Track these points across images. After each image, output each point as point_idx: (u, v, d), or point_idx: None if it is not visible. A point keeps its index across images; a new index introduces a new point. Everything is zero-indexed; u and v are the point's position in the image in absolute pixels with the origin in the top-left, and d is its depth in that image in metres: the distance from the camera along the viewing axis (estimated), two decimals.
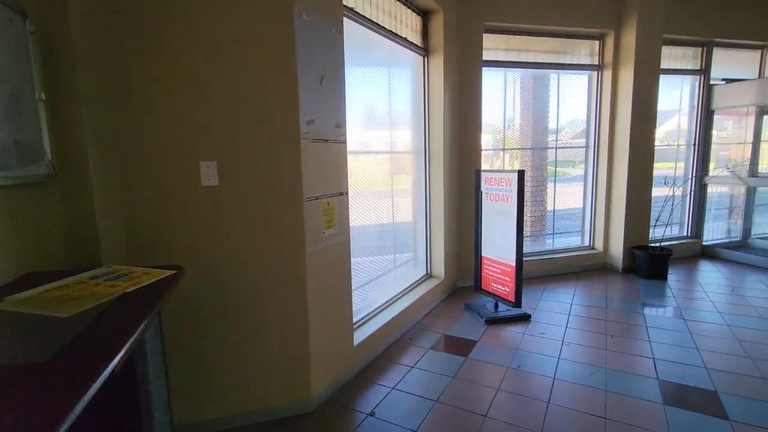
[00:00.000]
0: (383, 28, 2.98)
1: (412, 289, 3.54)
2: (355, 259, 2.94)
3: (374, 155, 3.19)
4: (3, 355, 0.92)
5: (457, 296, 3.92)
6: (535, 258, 4.48)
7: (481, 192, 3.51)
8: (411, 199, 3.76)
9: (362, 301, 2.99)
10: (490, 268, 3.51)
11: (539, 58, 4.38)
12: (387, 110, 3.25)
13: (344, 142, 2.36)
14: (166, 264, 1.64)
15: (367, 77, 2.99)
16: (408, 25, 3.39)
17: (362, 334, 2.69)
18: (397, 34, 3.17)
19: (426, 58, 3.65)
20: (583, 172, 4.81)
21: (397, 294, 3.36)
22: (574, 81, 4.63)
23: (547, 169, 4.75)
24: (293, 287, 2.09)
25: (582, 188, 4.85)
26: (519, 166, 4.72)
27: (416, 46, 3.50)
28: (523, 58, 4.33)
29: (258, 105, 1.93)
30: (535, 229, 4.84)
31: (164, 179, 1.87)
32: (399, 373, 2.58)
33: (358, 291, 2.94)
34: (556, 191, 4.74)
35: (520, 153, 4.68)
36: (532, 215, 4.87)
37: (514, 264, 3.22)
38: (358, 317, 2.86)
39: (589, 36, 4.44)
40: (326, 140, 2.19)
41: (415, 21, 3.51)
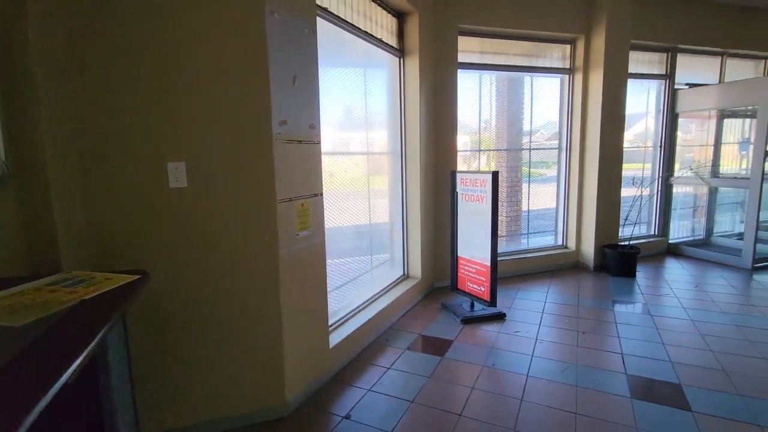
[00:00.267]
0: (358, 28, 2.98)
1: (389, 290, 3.54)
2: (331, 260, 2.92)
3: (350, 156, 3.18)
4: None
5: (434, 296, 3.94)
6: (510, 257, 4.55)
7: (457, 193, 3.54)
8: (388, 200, 3.77)
9: (339, 303, 2.97)
10: (466, 268, 3.54)
11: (513, 61, 4.46)
12: (363, 111, 3.25)
13: (318, 143, 2.34)
14: (132, 269, 1.58)
15: (342, 78, 2.97)
16: (383, 26, 3.39)
17: (338, 336, 2.67)
18: (372, 35, 3.17)
19: (402, 60, 3.67)
20: (556, 173, 4.92)
21: (374, 295, 3.35)
22: (547, 84, 4.74)
23: (522, 170, 4.85)
24: (266, 290, 2.06)
25: (555, 189, 4.96)
26: (495, 167, 4.79)
27: (392, 47, 3.50)
28: (498, 60, 4.40)
29: (228, 105, 1.89)
30: (511, 229, 4.93)
31: (130, 181, 1.81)
32: (375, 374, 2.57)
33: (334, 293, 2.92)
34: (530, 192, 4.83)
35: (496, 154, 4.76)
36: (507, 215, 4.95)
37: (489, 264, 3.27)
38: (335, 319, 2.84)
39: (561, 40, 4.55)
40: (300, 141, 2.17)
41: (391, 22, 3.52)
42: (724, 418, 2.07)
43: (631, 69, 4.65)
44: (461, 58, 4.05)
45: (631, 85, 4.71)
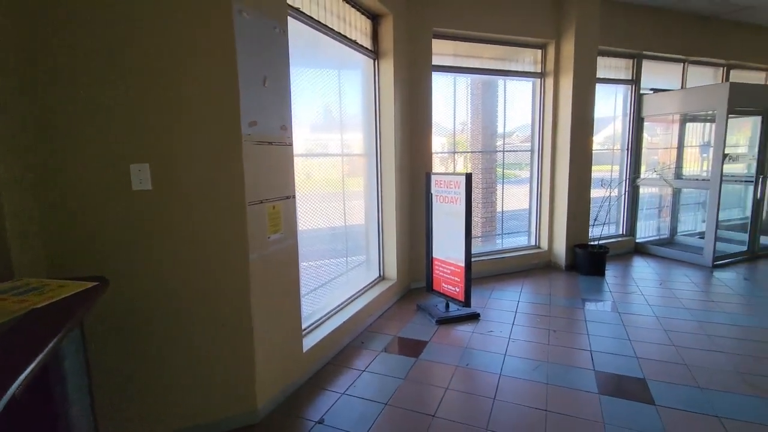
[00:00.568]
0: (332, 29, 2.96)
1: (364, 292, 3.53)
2: (305, 263, 2.89)
3: (325, 158, 3.15)
4: None
5: (409, 297, 3.96)
6: (485, 258, 4.62)
7: (432, 194, 3.57)
8: (363, 202, 3.75)
9: (313, 306, 2.94)
10: (441, 268, 3.57)
11: (487, 65, 4.53)
12: (338, 113, 3.23)
13: (290, 145, 2.30)
14: (91, 275, 1.52)
15: (316, 79, 2.95)
16: (358, 27, 3.38)
17: (312, 339, 2.64)
18: (346, 37, 3.16)
19: (376, 62, 3.67)
20: (530, 175, 5.02)
21: (350, 297, 3.33)
22: (520, 87, 4.84)
23: (497, 172, 4.92)
24: (236, 295, 2.01)
25: (528, 190, 5.06)
26: (470, 168, 4.85)
27: (366, 49, 3.50)
28: (472, 64, 4.46)
29: (195, 105, 1.84)
30: (486, 230, 5.00)
31: (89, 183, 1.74)
32: (350, 377, 2.55)
33: (309, 296, 2.89)
34: (505, 193, 4.92)
35: (471, 156, 4.82)
36: (482, 216, 5.02)
37: (463, 264, 3.30)
38: (309, 322, 2.80)
39: (533, 45, 4.66)
40: (270, 142, 2.13)
41: (365, 24, 3.51)
42: (685, 410, 2.15)
43: (600, 74, 4.80)
44: (436, 60, 4.09)
45: (600, 89, 4.86)
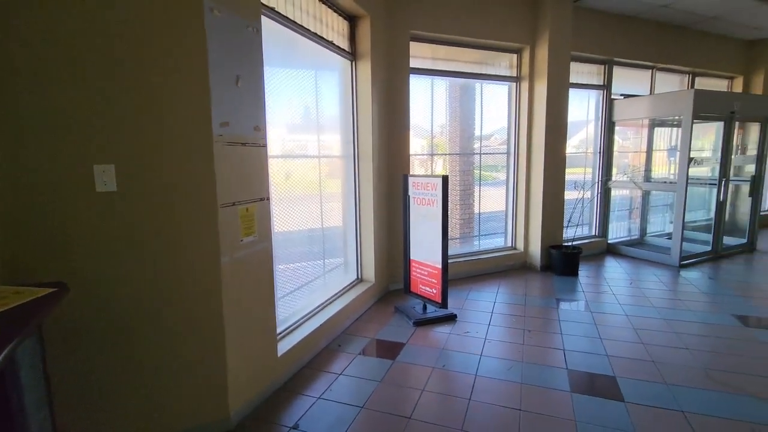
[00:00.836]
0: (308, 30, 2.93)
1: (341, 295, 3.50)
2: (282, 265, 2.85)
3: (302, 159, 3.11)
4: None
5: (387, 299, 3.95)
6: (462, 259, 4.66)
7: (409, 196, 3.58)
8: (341, 204, 3.73)
9: (289, 309, 2.90)
10: (419, 270, 3.58)
11: (464, 68, 4.58)
12: (315, 114, 3.20)
13: (264, 146, 2.27)
14: (51, 281, 1.46)
15: (292, 80, 2.91)
16: (335, 29, 3.37)
17: (288, 343, 2.60)
18: (323, 38, 3.13)
19: (354, 63, 3.66)
20: (506, 177, 5.10)
21: (327, 300, 3.31)
22: (497, 91, 4.91)
23: (474, 174, 4.98)
24: (207, 300, 1.96)
25: (505, 192, 5.14)
26: (449, 170, 4.89)
27: (344, 50, 3.48)
28: (450, 67, 4.51)
29: (164, 105, 1.79)
30: (464, 231, 5.04)
31: (50, 185, 1.66)
32: (326, 381, 2.53)
33: (284, 299, 2.85)
34: (482, 195, 4.98)
35: (450, 158, 4.86)
36: (460, 218, 5.06)
37: (440, 266, 3.32)
38: (285, 326, 2.76)
39: (508, 50, 4.74)
40: (243, 143, 2.10)
41: (342, 25, 3.50)
42: (652, 406, 2.22)
43: (573, 79, 4.93)
44: (414, 63, 4.11)
45: (573, 94, 4.99)
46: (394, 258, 4.14)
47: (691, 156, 4.76)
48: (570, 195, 5.08)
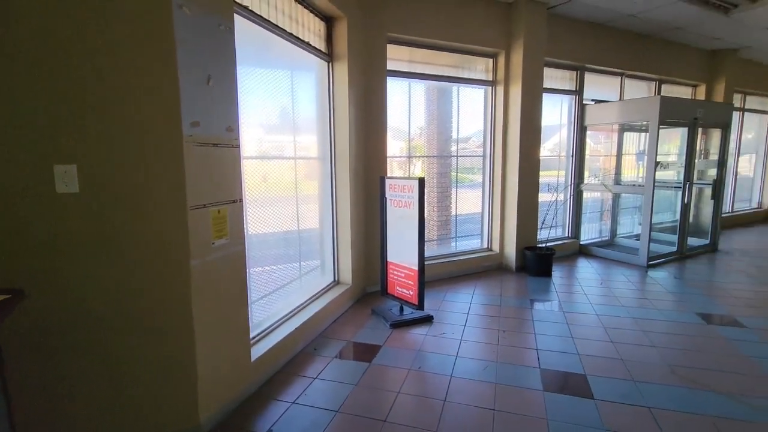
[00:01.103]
0: (283, 30, 2.90)
1: (318, 297, 3.47)
2: (257, 268, 2.80)
3: (277, 161, 3.07)
4: None
5: (365, 302, 3.94)
6: (439, 261, 4.69)
7: (386, 198, 3.58)
8: (318, 206, 3.70)
9: (264, 313, 2.85)
10: (395, 272, 3.59)
11: (441, 72, 4.62)
12: (291, 115, 3.16)
13: (237, 147, 2.22)
14: (7, 287, 1.38)
15: (267, 80, 2.87)
16: (311, 29, 3.34)
17: (262, 348, 2.55)
18: (298, 38, 3.10)
19: (331, 65, 3.64)
20: (482, 180, 5.18)
21: (303, 303, 3.27)
22: (473, 95, 4.98)
23: (451, 176, 5.03)
24: (176, 304, 1.91)
25: (481, 194, 5.21)
26: (426, 172, 4.92)
27: (320, 51, 3.46)
28: (427, 70, 4.54)
29: (131, 103, 1.73)
30: (441, 233, 5.08)
31: (5, 185, 1.58)
32: (301, 385, 2.49)
33: (259, 302, 2.80)
34: (459, 197, 5.03)
35: (427, 160, 4.89)
36: (437, 219, 5.10)
37: (417, 268, 3.33)
38: (259, 330, 2.71)
39: (484, 54, 4.81)
40: (215, 144, 2.05)
41: (319, 26, 3.48)
42: (620, 403, 2.28)
43: (546, 84, 5.05)
44: (391, 65, 4.12)
45: (547, 99, 5.10)
46: (371, 260, 4.13)
47: (658, 160, 4.95)
48: (544, 197, 5.20)
